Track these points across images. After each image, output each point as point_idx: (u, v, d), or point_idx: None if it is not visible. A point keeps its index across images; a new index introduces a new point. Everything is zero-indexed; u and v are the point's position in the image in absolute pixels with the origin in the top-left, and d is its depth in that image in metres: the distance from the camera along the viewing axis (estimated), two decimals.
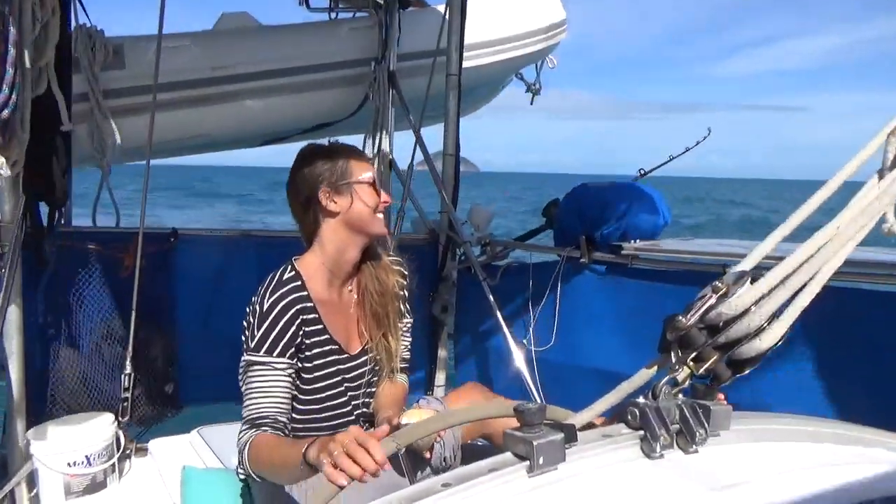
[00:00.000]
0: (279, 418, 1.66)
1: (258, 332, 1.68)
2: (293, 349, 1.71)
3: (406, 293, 1.96)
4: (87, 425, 2.55)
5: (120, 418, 2.66)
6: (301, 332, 1.73)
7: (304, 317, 1.74)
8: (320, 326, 1.78)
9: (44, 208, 2.55)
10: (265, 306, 1.69)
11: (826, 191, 0.81)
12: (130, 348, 2.75)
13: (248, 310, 1.73)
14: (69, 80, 2.27)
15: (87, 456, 2.38)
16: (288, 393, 1.70)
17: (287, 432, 1.68)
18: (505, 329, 2.91)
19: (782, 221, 0.83)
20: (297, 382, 1.75)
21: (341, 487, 1.16)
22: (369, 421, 1.92)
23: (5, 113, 1.45)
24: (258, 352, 1.67)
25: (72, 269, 2.78)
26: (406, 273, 1.96)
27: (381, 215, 1.81)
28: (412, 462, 1.76)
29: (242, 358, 1.70)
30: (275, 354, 1.68)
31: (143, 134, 2.70)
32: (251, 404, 1.65)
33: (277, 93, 3.52)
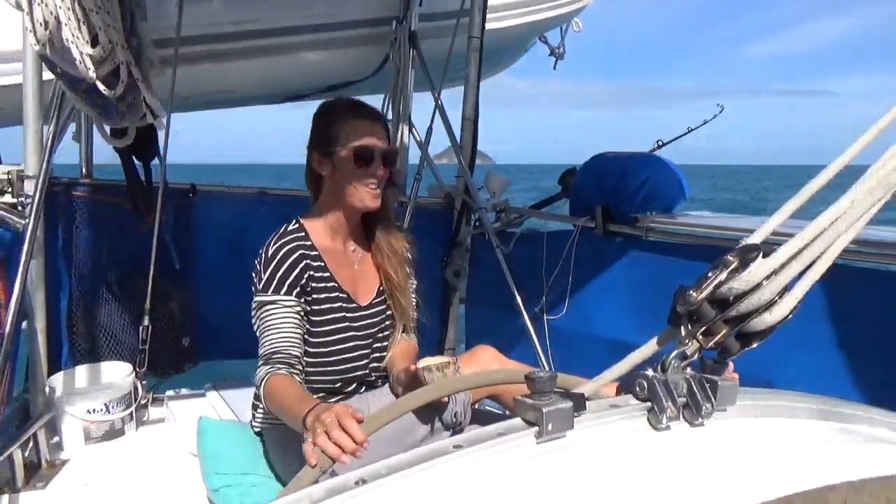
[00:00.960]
0: (292, 352, 1.72)
1: (265, 274, 1.76)
2: (299, 289, 1.78)
3: (411, 256, 2.02)
4: (106, 374, 2.63)
5: (137, 369, 2.73)
6: (306, 275, 1.80)
7: (309, 262, 1.81)
8: (326, 274, 1.85)
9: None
10: (270, 252, 1.78)
11: (842, 160, 0.80)
12: (149, 301, 2.81)
13: (256, 261, 1.82)
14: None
15: (105, 404, 2.45)
16: (298, 328, 1.77)
17: (301, 366, 1.74)
18: (517, 296, 2.93)
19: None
20: (308, 326, 1.82)
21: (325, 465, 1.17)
22: (382, 376, 1.96)
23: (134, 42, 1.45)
24: (266, 292, 1.75)
25: (93, 222, 2.82)
26: (411, 239, 2.04)
27: (370, 188, 1.80)
28: (422, 424, 1.81)
29: (254, 300, 1.78)
30: (282, 293, 1.75)
31: (165, 88, 2.71)
32: (265, 341, 1.73)
33: (299, 50, 3.50)
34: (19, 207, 2.28)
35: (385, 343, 1.98)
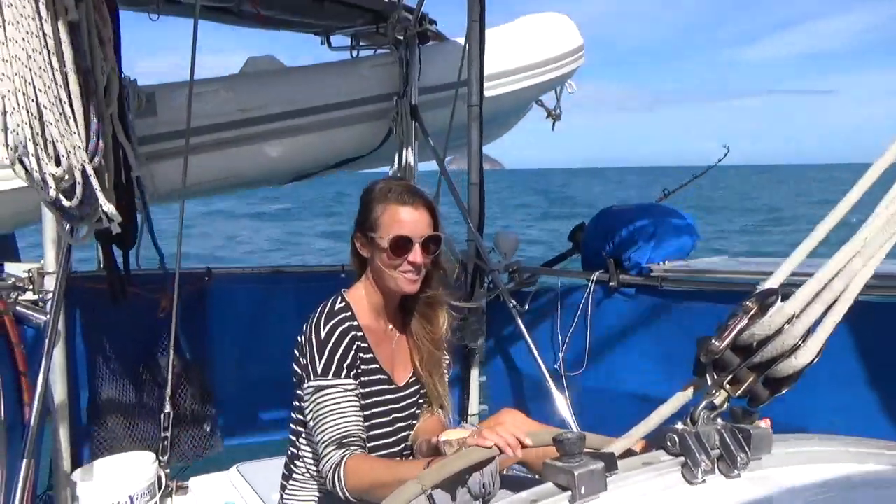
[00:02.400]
0: (361, 436, 1.69)
1: (321, 358, 1.72)
2: (355, 371, 1.76)
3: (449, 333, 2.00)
4: (129, 465, 2.60)
5: (160, 457, 2.70)
6: (358, 358, 1.78)
7: (359, 343, 1.79)
8: (371, 355, 1.83)
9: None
10: (322, 334, 1.74)
11: (852, 197, 0.81)
12: (169, 388, 2.80)
13: (300, 340, 1.78)
14: (127, 128, 2.36)
15: (130, 496, 2.42)
16: (361, 412, 1.73)
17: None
18: (536, 355, 2.90)
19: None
20: None
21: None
22: (409, 451, 1.93)
23: (96, 160, 1.51)
24: (326, 376, 1.71)
25: (112, 313, 2.84)
26: (451, 320, 1.99)
27: (407, 276, 1.79)
28: (450, 496, 1.77)
29: (306, 385, 1.73)
30: (342, 376, 1.72)
31: (177, 177, 2.79)
32: (331, 425, 1.67)
33: (304, 131, 3.59)
34: (40, 303, 2.32)
35: (414, 422, 1.95)
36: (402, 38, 3.66)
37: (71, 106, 1.46)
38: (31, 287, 2.34)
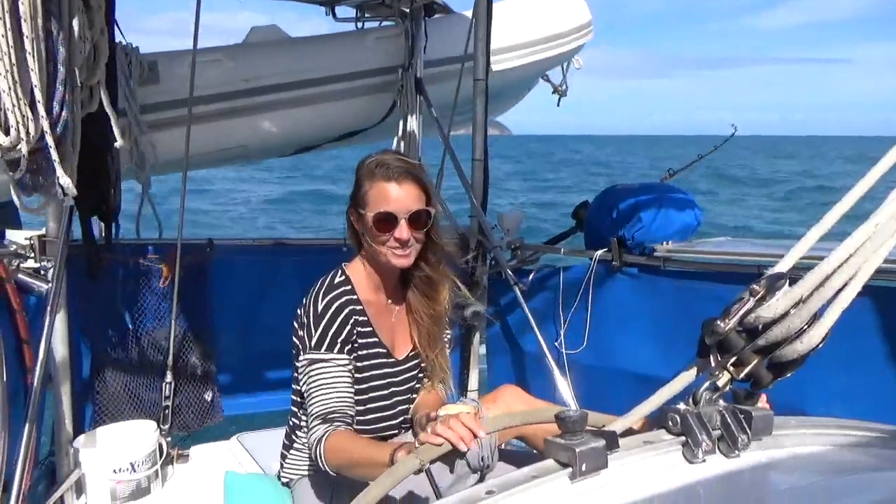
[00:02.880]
0: (348, 412, 1.71)
1: (316, 331, 1.74)
2: (350, 346, 1.77)
3: (448, 307, 1.99)
4: (130, 433, 2.62)
5: (162, 426, 2.73)
6: (355, 332, 1.79)
7: (357, 317, 1.80)
8: (370, 329, 1.84)
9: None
10: (320, 307, 1.76)
11: (862, 186, 0.80)
12: (171, 357, 2.82)
13: (299, 313, 1.80)
14: (116, 98, 2.34)
15: (131, 462, 2.44)
16: (352, 388, 1.75)
17: (354, 427, 1.73)
18: (537, 332, 2.91)
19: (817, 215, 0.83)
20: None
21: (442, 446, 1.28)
22: (409, 425, 1.95)
23: (58, 130, 1.49)
24: (319, 349, 1.73)
25: (114, 282, 2.85)
26: (452, 297, 1.98)
27: (395, 252, 1.78)
28: (449, 468, 1.78)
29: (301, 357, 1.76)
30: (335, 351, 1.74)
31: (180, 147, 2.77)
32: (318, 400, 1.70)
33: (307, 103, 3.57)
34: (42, 272, 2.32)
35: (414, 395, 1.97)
36: (407, 9, 3.62)
37: (30, 73, 1.41)
38: (32, 255, 2.33)
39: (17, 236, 2.42)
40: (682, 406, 0.80)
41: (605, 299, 3.01)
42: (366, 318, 1.84)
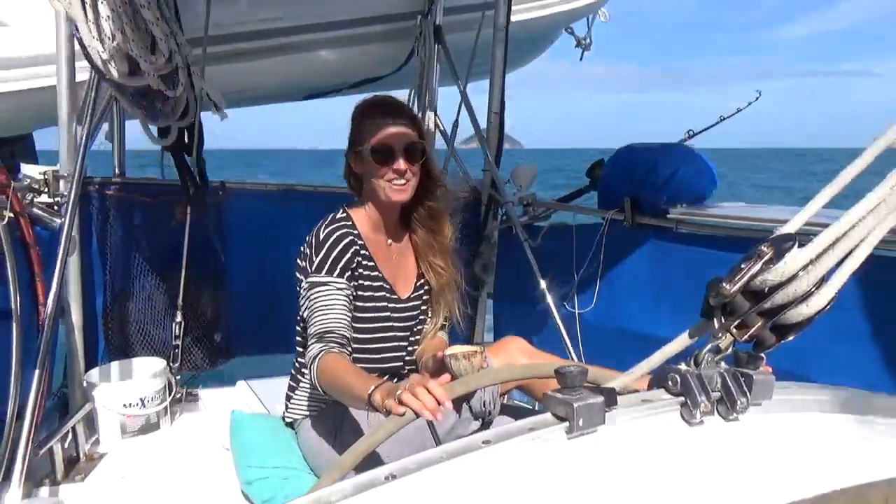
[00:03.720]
0: (344, 333, 1.74)
1: (317, 257, 1.79)
2: (349, 273, 1.81)
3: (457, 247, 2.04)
4: (141, 369, 2.68)
5: (171, 364, 2.78)
6: (356, 261, 1.83)
7: (357, 248, 1.84)
8: (372, 263, 1.88)
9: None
10: (321, 236, 1.82)
11: (875, 149, 0.78)
12: (181, 298, 2.85)
13: (303, 246, 1.85)
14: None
15: (141, 398, 2.50)
16: (349, 311, 1.79)
17: (350, 348, 1.76)
18: (545, 289, 2.91)
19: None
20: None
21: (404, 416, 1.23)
22: (412, 368, 1.97)
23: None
24: (319, 273, 1.78)
25: (126, 220, 2.87)
26: (455, 232, 2.03)
27: (394, 184, 1.82)
28: (454, 404, 1.81)
29: (304, 282, 1.80)
30: (335, 275, 1.78)
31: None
32: (317, 320, 1.74)
33: (323, 46, 3.51)
34: (55, 207, 2.33)
35: (420, 337, 2.00)
36: None
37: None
38: (46, 189, 2.34)
39: (32, 171, 2.43)
40: (682, 366, 0.80)
41: (617, 259, 3.00)
42: (367, 253, 1.88)
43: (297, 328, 1.97)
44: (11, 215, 1.99)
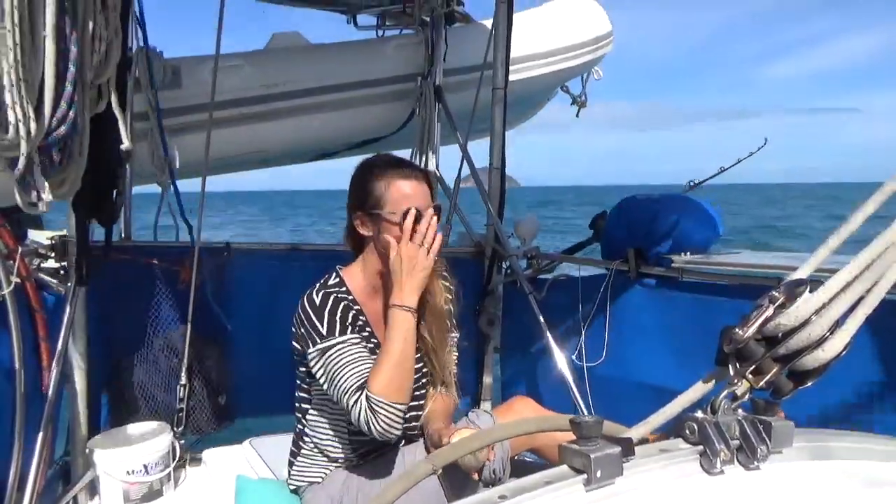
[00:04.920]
0: None
1: (321, 322, 1.71)
2: (357, 329, 1.75)
3: (452, 308, 1.97)
4: (144, 435, 2.63)
5: (175, 428, 2.74)
6: (357, 324, 1.76)
7: (354, 313, 1.77)
8: (369, 330, 1.81)
9: None
10: (317, 301, 1.74)
11: (881, 195, 0.78)
12: (186, 360, 2.83)
13: (298, 313, 1.77)
14: (126, 100, 2.34)
15: (144, 465, 2.45)
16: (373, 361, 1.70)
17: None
18: (552, 343, 2.89)
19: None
20: None
21: None
22: (416, 432, 1.93)
23: (62, 130, 1.47)
24: (332, 336, 1.69)
25: (132, 283, 2.87)
26: (452, 289, 1.97)
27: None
28: (461, 483, 1.76)
29: (312, 350, 1.71)
30: (348, 333, 1.71)
31: (200, 151, 2.80)
32: (349, 376, 1.65)
33: (327, 109, 3.59)
34: (62, 272, 2.34)
35: (421, 402, 1.92)
36: (428, 18, 3.63)
37: (39, 70, 1.38)
38: (52, 255, 2.36)
39: (39, 236, 2.45)
40: (699, 415, 0.78)
41: (622, 310, 2.98)
42: (364, 319, 1.81)
43: (298, 393, 1.93)
44: (18, 280, 2.00)
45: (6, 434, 1.85)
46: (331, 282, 1.82)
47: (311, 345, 1.71)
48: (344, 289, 1.81)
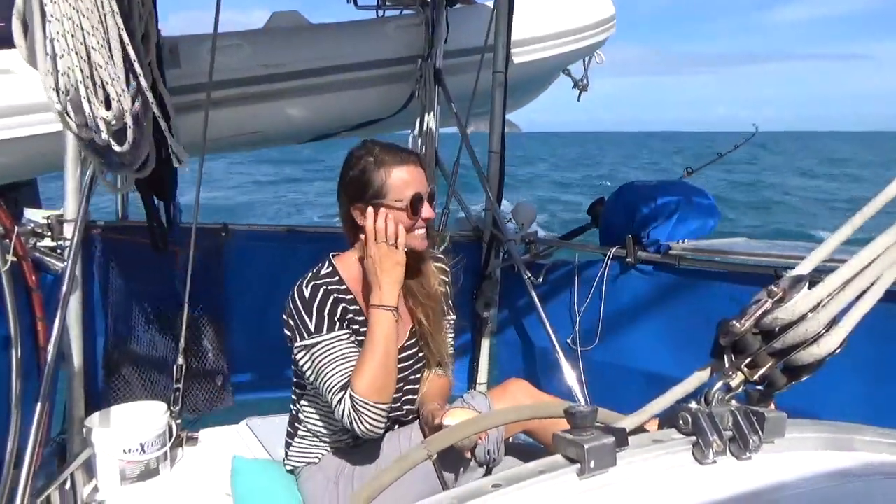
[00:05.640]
0: None
1: (310, 317, 1.71)
2: (346, 323, 1.75)
3: (448, 290, 1.98)
4: (141, 414, 2.65)
5: (172, 408, 2.75)
6: (347, 317, 1.76)
7: (345, 305, 1.77)
8: (362, 318, 1.80)
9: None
10: (306, 295, 1.73)
11: (891, 190, 0.78)
12: (182, 340, 2.84)
13: (287, 304, 1.76)
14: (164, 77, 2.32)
15: (141, 443, 2.46)
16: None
17: None
18: (548, 327, 2.90)
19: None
20: None
21: None
22: (414, 413, 1.94)
23: (137, 105, 1.49)
24: (319, 332, 1.70)
25: (129, 263, 2.87)
26: (447, 271, 1.98)
27: (420, 232, 1.77)
28: (454, 463, 1.77)
29: (299, 344, 1.72)
30: (336, 329, 1.71)
31: (198, 130, 2.78)
32: (334, 373, 1.66)
33: (326, 90, 3.57)
34: (58, 251, 2.33)
35: (416, 386, 1.94)
36: None
37: (113, 50, 1.43)
38: (49, 234, 2.35)
39: (35, 215, 2.45)
40: (693, 405, 0.79)
41: (619, 296, 2.99)
42: (357, 308, 1.80)
43: (293, 378, 1.94)
44: (14, 259, 2.00)
45: (3, 412, 1.86)
46: (323, 272, 1.81)
47: (298, 339, 1.72)
48: (336, 279, 1.80)
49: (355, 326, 1.78)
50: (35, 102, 3.22)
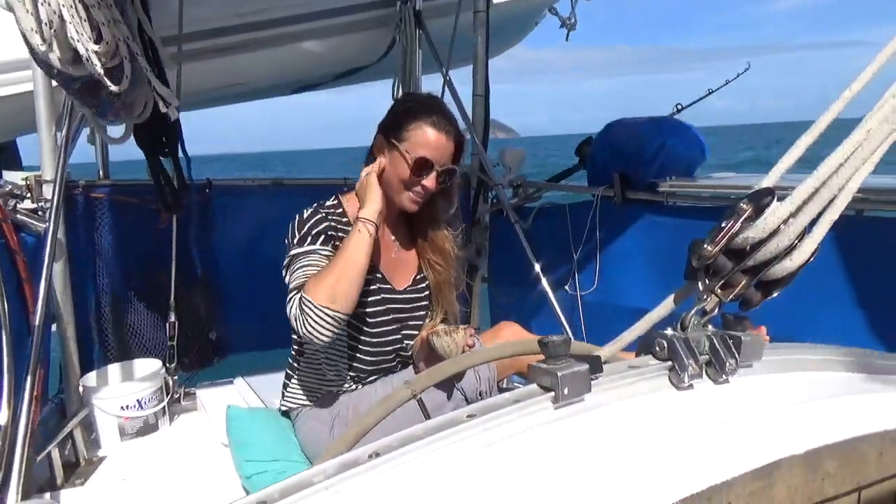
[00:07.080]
0: None
1: (300, 232, 1.75)
2: (333, 242, 1.75)
3: (460, 254, 2.02)
4: (137, 371, 2.67)
5: (168, 364, 2.78)
6: (334, 243, 1.77)
7: (336, 233, 1.79)
8: None
9: None
10: (305, 215, 1.79)
11: (851, 92, 0.76)
12: (173, 298, 2.84)
13: (288, 229, 1.80)
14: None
15: (138, 400, 2.49)
16: None
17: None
18: (538, 271, 2.90)
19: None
20: None
21: None
22: (410, 357, 1.97)
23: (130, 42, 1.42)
24: (302, 245, 1.73)
25: (113, 222, 2.84)
26: (458, 238, 2.01)
27: (413, 195, 1.78)
28: (440, 403, 1.79)
29: (286, 258, 1.75)
30: (318, 243, 1.74)
31: (172, 86, 2.71)
32: (298, 276, 1.67)
33: (304, 38, 3.47)
34: (39, 212, 2.31)
35: (415, 332, 1.96)
36: None
37: None
38: (29, 195, 2.32)
39: (13, 176, 2.40)
40: (669, 331, 0.79)
41: (608, 236, 2.99)
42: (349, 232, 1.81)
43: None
44: None
45: None
46: (328, 203, 1.86)
47: (286, 255, 1.76)
48: (339, 211, 1.84)
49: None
50: (8, 60, 3.14)
